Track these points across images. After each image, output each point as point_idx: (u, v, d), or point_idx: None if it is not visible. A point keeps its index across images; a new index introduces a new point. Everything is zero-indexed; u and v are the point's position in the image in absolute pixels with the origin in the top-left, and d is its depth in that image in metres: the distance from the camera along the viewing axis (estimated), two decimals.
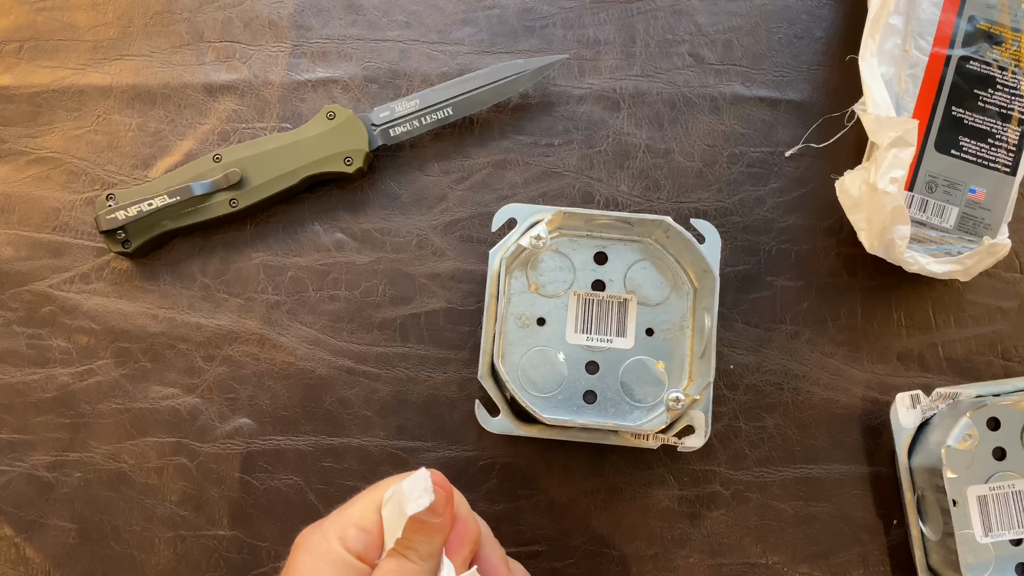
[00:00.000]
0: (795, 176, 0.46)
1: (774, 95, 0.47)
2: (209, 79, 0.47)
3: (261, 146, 0.45)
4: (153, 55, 0.48)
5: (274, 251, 0.46)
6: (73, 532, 0.44)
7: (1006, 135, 0.44)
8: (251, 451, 0.44)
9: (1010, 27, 0.44)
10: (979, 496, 0.41)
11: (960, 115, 0.44)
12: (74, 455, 0.44)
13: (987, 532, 0.41)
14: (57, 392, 0.45)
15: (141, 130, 0.47)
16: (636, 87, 0.47)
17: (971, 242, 0.43)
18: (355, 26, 0.48)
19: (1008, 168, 0.44)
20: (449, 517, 0.31)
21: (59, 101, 0.47)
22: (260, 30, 0.48)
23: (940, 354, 0.45)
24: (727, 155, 0.47)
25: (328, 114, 0.45)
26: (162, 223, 0.44)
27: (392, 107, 0.45)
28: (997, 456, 0.42)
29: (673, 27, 0.48)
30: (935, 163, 0.44)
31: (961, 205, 0.44)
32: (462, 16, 0.48)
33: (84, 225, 0.46)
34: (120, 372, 0.45)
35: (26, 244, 0.46)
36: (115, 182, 0.46)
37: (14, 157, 0.47)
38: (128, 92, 0.47)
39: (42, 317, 0.45)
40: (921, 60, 0.44)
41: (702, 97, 0.47)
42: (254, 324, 0.45)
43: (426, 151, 0.47)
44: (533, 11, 0.48)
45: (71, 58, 0.48)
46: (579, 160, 0.46)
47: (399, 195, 0.46)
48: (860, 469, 0.44)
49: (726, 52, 0.48)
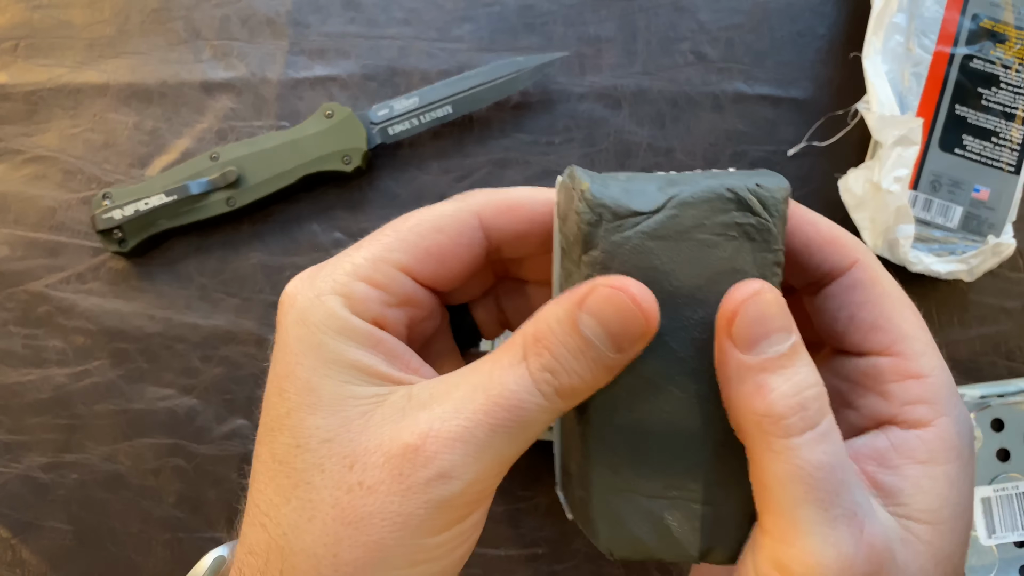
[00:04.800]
0: (798, 175, 0.46)
1: (777, 93, 0.47)
2: (206, 77, 0.47)
3: (258, 145, 0.44)
4: (150, 53, 0.47)
5: (272, 251, 0.45)
6: (69, 534, 0.43)
7: (1010, 134, 0.43)
8: (249, 453, 0.44)
9: (1014, 25, 0.44)
10: (983, 498, 0.41)
11: (964, 114, 0.43)
12: (70, 456, 0.44)
13: (991, 534, 0.41)
14: (53, 393, 0.44)
15: (138, 128, 0.47)
16: (637, 85, 0.47)
17: (975, 242, 0.43)
18: (354, 23, 0.47)
19: (1012, 167, 0.43)
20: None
21: (55, 99, 0.47)
22: (258, 27, 0.47)
23: (944, 354, 0.45)
24: (729, 154, 0.46)
25: (326, 112, 0.45)
26: (159, 222, 0.44)
27: (391, 105, 0.45)
28: (1001, 457, 0.42)
29: (675, 24, 0.47)
30: (939, 162, 0.43)
31: (965, 204, 0.43)
32: (462, 13, 0.48)
33: (80, 224, 0.46)
34: (116, 373, 0.44)
35: (22, 244, 0.46)
36: (111, 181, 0.46)
37: (10, 156, 0.47)
38: (125, 90, 0.47)
39: (38, 317, 0.45)
40: (925, 58, 0.44)
41: (704, 95, 0.47)
42: (251, 324, 0.45)
43: (425, 150, 0.46)
44: (533, 8, 0.48)
45: (67, 56, 0.47)
46: (580, 159, 0.46)
47: (398, 194, 0.46)
48: None
49: (728, 50, 0.47)
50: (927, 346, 0.23)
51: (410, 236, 0.23)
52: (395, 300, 0.23)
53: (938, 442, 0.22)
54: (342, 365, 0.21)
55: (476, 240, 0.23)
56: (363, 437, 0.21)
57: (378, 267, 0.22)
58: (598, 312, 0.20)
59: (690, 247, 0.21)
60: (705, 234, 0.21)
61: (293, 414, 0.21)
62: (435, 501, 0.20)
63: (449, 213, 0.23)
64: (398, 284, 0.23)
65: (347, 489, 0.20)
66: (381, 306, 0.22)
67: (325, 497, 0.21)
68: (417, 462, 0.20)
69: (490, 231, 0.23)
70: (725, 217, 0.21)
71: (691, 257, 0.21)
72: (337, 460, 0.21)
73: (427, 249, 0.23)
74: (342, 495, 0.20)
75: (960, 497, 0.21)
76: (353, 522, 0.20)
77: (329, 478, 0.21)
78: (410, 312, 0.23)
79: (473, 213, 0.23)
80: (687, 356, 0.21)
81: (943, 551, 0.21)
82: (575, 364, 0.20)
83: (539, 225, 0.24)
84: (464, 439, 0.20)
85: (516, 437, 0.21)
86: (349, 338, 0.22)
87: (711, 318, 0.21)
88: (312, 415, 0.21)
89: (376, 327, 0.22)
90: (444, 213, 0.23)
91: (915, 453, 0.21)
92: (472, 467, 0.20)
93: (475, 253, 0.24)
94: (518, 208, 0.23)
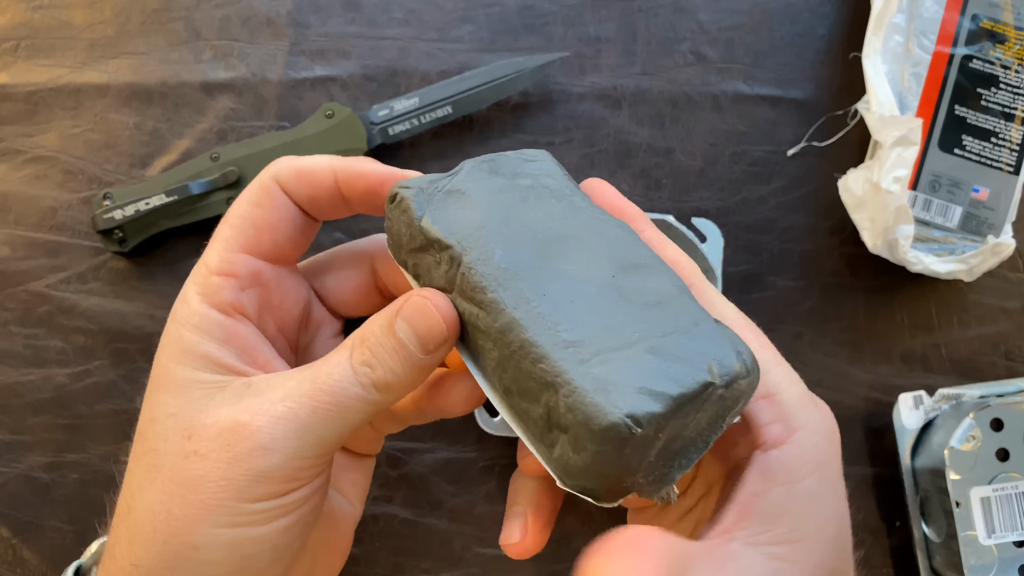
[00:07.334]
0: (797, 175, 0.46)
1: (776, 93, 0.47)
2: (207, 77, 0.47)
3: (259, 145, 0.44)
4: (150, 53, 0.47)
5: None
6: (70, 534, 0.43)
7: (1009, 134, 0.43)
8: None
9: (1013, 26, 0.44)
10: (982, 498, 0.41)
11: (963, 114, 0.43)
12: (71, 456, 0.44)
13: (990, 534, 0.41)
14: (54, 393, 0.44)
15: (138, 129, 0.47)
16: (637, 85, 0.47)
17: (975, 242, 0.43)
18: (354, 24, 0.48)
19: (1012, 168, 0.43)
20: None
21: (56, 100, 0.47)
22: (258, 28, 0.47)
23: (943, 355, 0.45)
24: (729, 154, 0.46)
25: (326, 113, 0.45)
26: (159, 222, 0.44)
27: (391, 105, 0.45)
28: (1000, 457, 0.42)
29: (674, 25, 0.47)
30: (938, 162, 0.43)
31: (965, 205, 0.43)
32: (462, 14, 0.48)
33: (81, 224, 0.46)
34: (117, 373, 0.44)
35: (22, 244, 0.46)
36: (112, 181, 0.46)
37: (11, 156, 0.47)
38: (125, 91, 0.47)
39: (38, 317, 0.45)
40: (924, 59, 0.44)
41: (704, 95, 0.47)
42: None
43: (425, 150, 0.46)
44: (533, 9, 0.48)
45: (68, 56, 0.47)
46: (580, 159, 0.46)
47: None
48: (863, 470, 0.44)
49: (728, 50, 0.47)
50: (771, 361, 0.25)
51: (237, 220, 0.27)
52: (245, 282, 0.26)
53: (795, 460, 0.23)
54: (195, 355, 0.25)
55: (285, 203, 0.27)
56: (202, 414, 0.24)
57: (224, 257, 0.26)
58: (409, 317, 0.24)
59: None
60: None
61: (151, 394, 0.25)
62: (255, 470, 0.23)
63: (256, 187, 0.27)
64: (243, 266, 0.26)
65: (184, 456, 0.24)
66: (234, 292, 0.26)
67: (166, 461, 0.24)
68: (243, 435, 0.23)
69: (290, 194, 0.27)
70: None
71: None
72: (179, 431, 0.24)
73: (254, 224, 0.27)
74: (179, 460, 0.24)
75: (822, 507, 0.23)
76: (185, 483, 0.23)
77: (171, 446, 0.24)
78: (261, 292, 0.27)
79: (272, 179, 0.27)
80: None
81: (812, 562, 0.22)
82: (390, 361, 0.24)
83: (324, 189, 0.27)
84: (287, 418, 0.23)
85: (336, 421, 0.24)
86: (205, 332, 0.25)
87: None
88: (164, 394, 0.25)
89: (235, 313, 0.26)
90: (253, 188, 0.27)
91: (776, 476, 0.23)
92: (292, 443, 0.23)
93: (291, 214, 0.27)
94: (307, 173, 0.27)
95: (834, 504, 0.23)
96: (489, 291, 0.23)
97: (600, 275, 0.24)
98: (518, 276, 0.23)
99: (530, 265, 0.23)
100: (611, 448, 0.21)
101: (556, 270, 0.23)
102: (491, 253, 0.23)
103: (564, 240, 0.24)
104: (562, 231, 0.25)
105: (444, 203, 0.25)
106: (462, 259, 0.23)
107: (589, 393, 0.21)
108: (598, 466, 0.21)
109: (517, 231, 0.24)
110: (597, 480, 0.22)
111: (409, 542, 0.43)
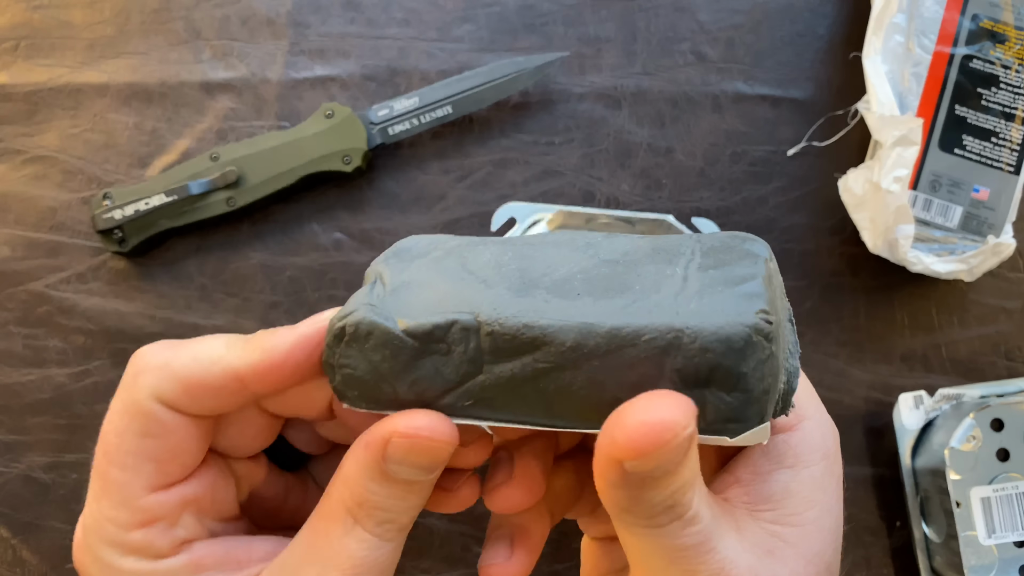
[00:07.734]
0: (798, 175, 0.46)
1: (776, 93, 0.47)
2: (206, 77, 0.47)
3: (259, 145, 0.44)
4: (150, 53, 0.47)
5: (272, 251, 0.45)
6: (70, 534, 0.43)
7: (1009, 134, 0.43)
8: None
9: (1014, 25, 0.44)
10: (983, 498, 0.41)
11: (964, 114, 0.43)
12: (71, 456, 0.44)
13: (991, 534, 0.41)
14: (53, 393, 0.44)
15: (138, 129, 0.47)
16: (637, 85, 0.47)
17: (975, 242, 0.43)
18: (354, 23, 0.48)
19: (1012, 167, 0.43)
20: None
21: (55, 99, 0.47)
22: (258, 28, 0.47)
23: (944, 355, 0.45)
24: (729, 154, 0.46)
25: (326, 112, 0.45)
26: (159, 222, 0.44)
27: (391, 105, 0.45)
28: (1001, 457, 0.42)
29: (675, 25, 0.47)
30: (939, 162, 0.43)
31: (965, 204, 0.43)
32: (462, 13, 0.48)
33: (80, 224, 0.46)
34: (117, 373, 0.44)
35: (22, 244, 0.46)
36: (112, 181, 0.46)
37: (10, 156, 0.47)
38: (125, 90, 0.47)
39: (38, 317, 0.45)
40: (924, 58, 0.44)
41: (704, 95, 0.47)
42: (252, 324, 0.45)
43: (425, 150, 0.46)
44: (533, 8, 0.48)
45: (67, 56, 0.47)
46: (580, 159, 0.46)
47: (398, 194, 0.46)
48: (863, 471, 0.44)
49: (728, 50, 0.47)
50: None
51: (129, 459, 0.22)
52: (176, 510, 0.23)
53: (803, 445, 0.23)
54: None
55: (182, 424, 0.22)
56: None
57: (133, 507, 0.22)
58: (403, 459, 0.21)
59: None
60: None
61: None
62: None
63: (134, 411, 0.22)
64: (161, 504, 0.22)
65: None
66: (167, 532, 0.22)
67: None
68: None
69: (185, 412, 0.22)
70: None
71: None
72: None
73: (153, 459, 0.22)
74: None
75: (826, 497, 0.23)
76: None
77: None
78: (201, 496, 0.23)
79: (152, 399, 0.22)
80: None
81: (812, 550, 0.22)
82: (404, 503, 0.22)
83: (229, 397, 0.23)
84: None
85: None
86: None
87: None
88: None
89: (183, 545, 0.22)
90: (132, 414, 0.22)
91: (783, 458, 0.22)
92: None
93: (199, 431, 0.23)
94: (197, 386, 0.22)
95: (836, 499, 0.23)
96: (535, 323, 0.21)
97: (589, 265, 0.23)
98: (539, 298, 0.22)
99: (532, 288, 0.22)
100: (760, 353, 0.20)
101: (554, 282, 0.23)
102: (499, 297, 0.22)
103: (530, 260, 0.23)
104: (521, 258, 0.23)
105: (401, 299, 0.22)
106: (479, 320, 0.21)
107: (708, 326, 0.20)
108: (756, 380, 0.20)
109: (489, 275, 0.23)
110: (760, 399, 0.20)
111: (408, 542, 0.43)
